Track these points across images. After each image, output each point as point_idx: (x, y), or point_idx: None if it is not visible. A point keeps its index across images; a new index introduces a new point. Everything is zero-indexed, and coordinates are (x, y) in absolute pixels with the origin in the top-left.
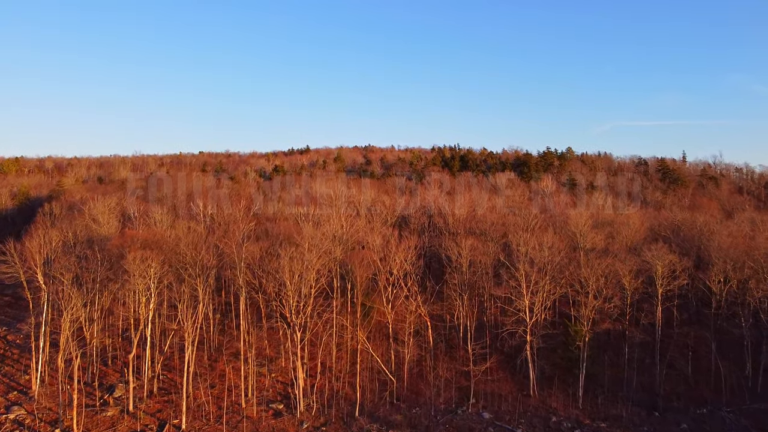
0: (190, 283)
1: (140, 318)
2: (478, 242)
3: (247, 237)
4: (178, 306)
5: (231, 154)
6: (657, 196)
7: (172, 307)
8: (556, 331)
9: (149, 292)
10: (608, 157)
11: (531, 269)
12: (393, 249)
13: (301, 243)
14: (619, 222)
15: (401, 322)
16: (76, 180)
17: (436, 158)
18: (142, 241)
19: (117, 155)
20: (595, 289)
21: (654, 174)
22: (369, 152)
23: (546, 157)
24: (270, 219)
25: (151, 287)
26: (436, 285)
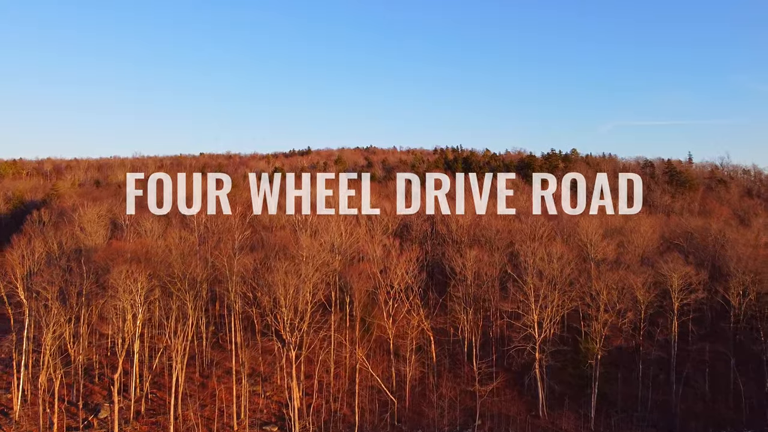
0: (180, 298)
1: (126, 336)
2: (483, 252)
3: (242, 247)
4: (166, 323)
5: (232, 155)
6: (665, 199)
7: (160, 323)
8: (566, 347)
9: (136, 308)
10: (613, 159)
11: (540, 282)
12: (394, 260)
13: (297, 254)
14: (628, 229)
15: (403, 338)
16: (72, 183)
17: (439, 160)
18: (129, 254)
19: (117, 157)
20: (608, 303)
21: (660, 176)
22: (370, 154)
23: (550, 158)
24: (266, 227)
25: (137, 303)
26: (439, 297)
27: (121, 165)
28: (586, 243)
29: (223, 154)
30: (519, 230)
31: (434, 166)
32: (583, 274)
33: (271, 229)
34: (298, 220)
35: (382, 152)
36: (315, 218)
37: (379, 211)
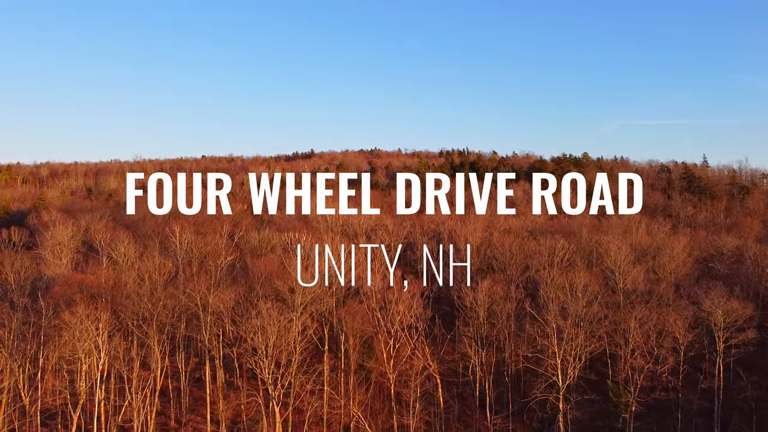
0: (148, 344)
1: (80, 391)
2: (496, 284)
3: (223, 278)
4: (126, 375)
5: (234, 158)
6: (688, 210)
7: (122, 375)
8: (593, 395)
9: (95, 355)
10: (626, 162)
11: (564, 322)
12: (395, 295)
13: (283, 290)
14: (655, 248)
15: (405, 380)
16: (62, 192)
17: (444, 165)
18: (90, 289)
19: (117, 160)
20: (644, 346)
21: (677, 182)
22: (374, 157)
23: (561, 163)
24: (254, 250)
25: (98, 346)
26: (447, 332)
27: (120, 169)
28: (614, 270)
29: (224, 157)
30: (535, 251)
31: (440, 171)
32: (612, 308)
33: (260, 253)
34: (291, 239)
35: (386, 155)
36: (308, 239)
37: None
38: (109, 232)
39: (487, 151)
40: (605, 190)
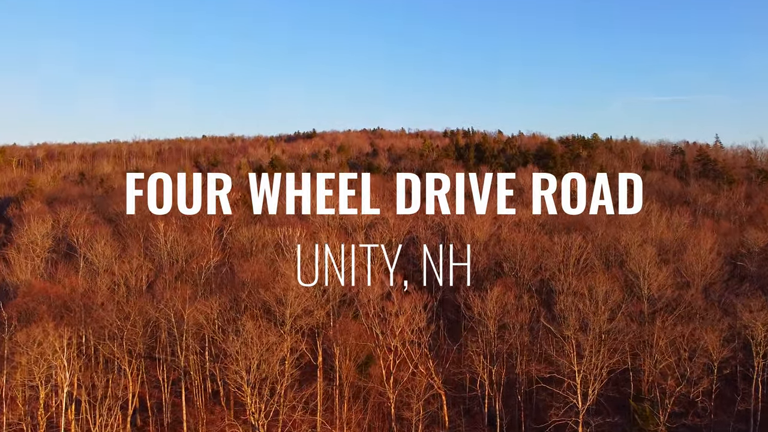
0: (115, 359)
1: (40, 422)
2: (507, 291)
3: (205, 285)
4: (90, 403)
5: (234, 138)
6: (707, 198)
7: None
8: (617, 418)
9: (59, 377)
10: (636, 143)
11: (584, 336)
12: (395, 306)
13: (269, 301)
14: (677, 244)
15: (406, 404)
16: (53, 177)
17: (449, 148)
18: (54, 301)
19: (115, 140)
20: (676, 368)
21: (692, 164)
22: (377, 137)
23: (571, 146)
24: (243, 249)
25: (61, 369)
26: (452, 343)
27: (118, 151)
28: (638, 274)
29: (225, 137)
30: (548, 248)
31: (445, 155)
32: (635, 318)
33: (250, 251)
34: (283, 236)
35: (389, 136)
36: (303, 234)
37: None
38: (89, 227)
39: (492, 131)
40: (605, 191)
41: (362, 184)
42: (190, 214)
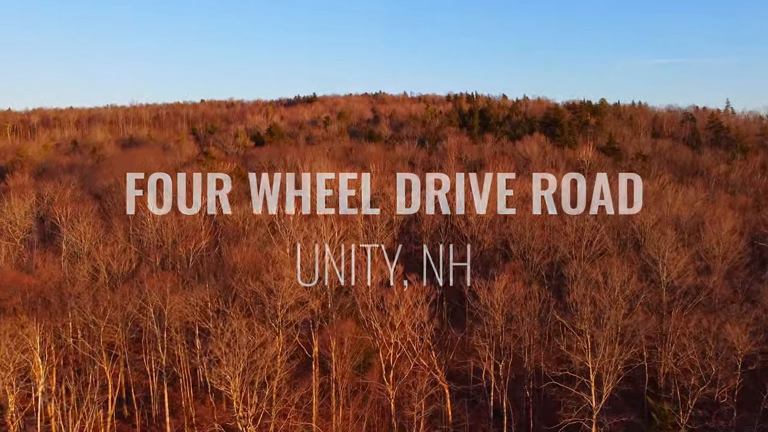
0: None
1: (9, 422)
2: (515, 280)
3: (192, 271)
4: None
5: (234, 102)
6: (720, 168)
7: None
8: (632, 417)
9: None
10: (645, 108)
11: (600, 331)
12: (395, 297)
13: (259, 292)
14: (694, 222)
15: (407, 402)
16: (45, 145)
17: (453, 114)
18: (26, 292)
19: (113, 105)
20: (700, 368)
21: (703, 132)
22: (379, 102)
23: (578, 112)
24: (234, 230)
25: (24, 376)
26: (456, 331)
27: (114, 116)
28: (657, 260)
29: (224, 101)
30: (559, 228)
31: (448, 122)
32: (653, 308)
33: (243, 233)
34: (278, 215)
35: (391, 100)
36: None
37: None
38: (73, 205)
39: (497, 95)
40: (605, 190)
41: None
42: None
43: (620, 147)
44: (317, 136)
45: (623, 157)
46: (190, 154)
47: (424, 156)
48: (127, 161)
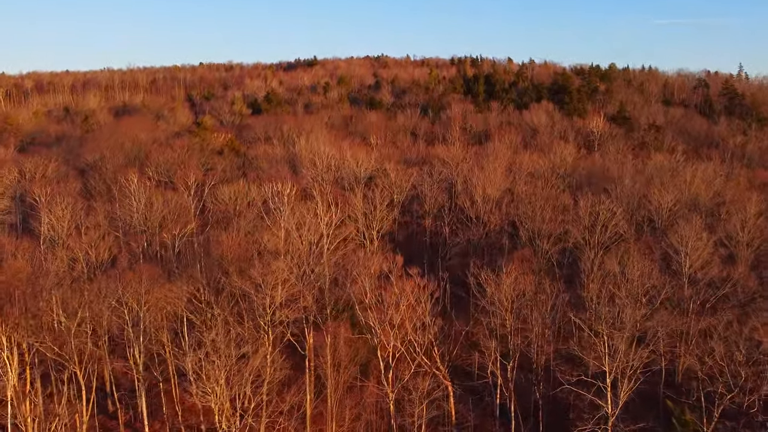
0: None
1: None
2: (526, 272)
3: (178, 260)
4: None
5: (233, 66)
6: (737, 139)
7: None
8: (650, 423)
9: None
10: (655, 73)
11: (619, 333)
12: (396, 293)
13: (246, 289)
14: (715, 202)
15: (407, 404)
16: (36, 112)
17: (457, 80)
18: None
19: (109, 68)
20: (730, 374)
21: (716, 99)
22: (381, 66)
23: (588, 78)
24: (223, 214)
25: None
26: (461, 323)
27: (110, 79)
28: (679, 250)
29: (223, 64)
30: (570, 210)
31: (452, 89)
32: (676, 304)
33: (235, 213)
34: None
35: (393, 64)
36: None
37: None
38: (55, 183)
39: (502, 58)
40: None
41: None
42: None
43: (631, 116)
44: (316, 104)
45: (635, 127)
46: (184, 122)
47: (426, 126)
48: (117, 133)
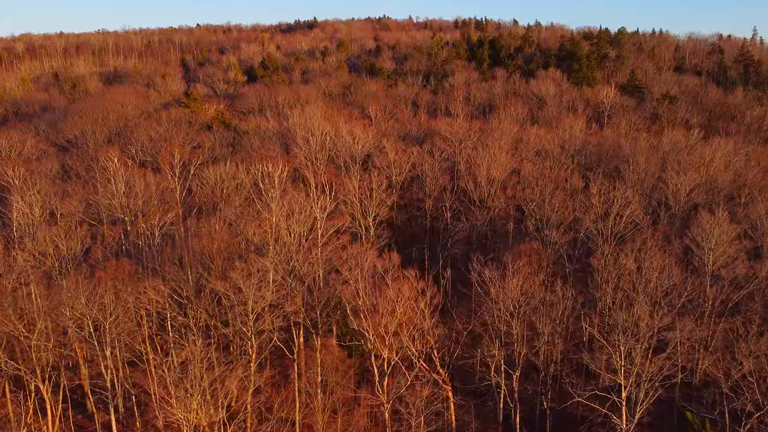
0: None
1: None
2: (533, 269)
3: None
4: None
5: (231, 27)
6: (755, 111)
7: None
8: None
9: None
10: (667, 37)
11: (636, 343)
12: (393, 298)
13: (227, 293)
14: (734, 185)
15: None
16: (24, 79)
17: (460, 44)
18: None
19: (104, 30)
20: (757, 389)
21: (732, 65)
22: (382, 28)
23: (596, 42)
24: (212, 195)
25: None
26: (461, 321)
27: (104, 42)
28: (702, 245)
29: (220, 26)
30: (581, 204)
31: (456, 55)
32: (697, 305)
33: (220, 198)
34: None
35: (395, 26)
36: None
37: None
38: (34, 162)
39: (508, 20)
40: None
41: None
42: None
43: (643, 85)
44: (314, 70)
45: (647, 97)
46: (175, 90)
47: (428, 96)
48: (104, 103)
